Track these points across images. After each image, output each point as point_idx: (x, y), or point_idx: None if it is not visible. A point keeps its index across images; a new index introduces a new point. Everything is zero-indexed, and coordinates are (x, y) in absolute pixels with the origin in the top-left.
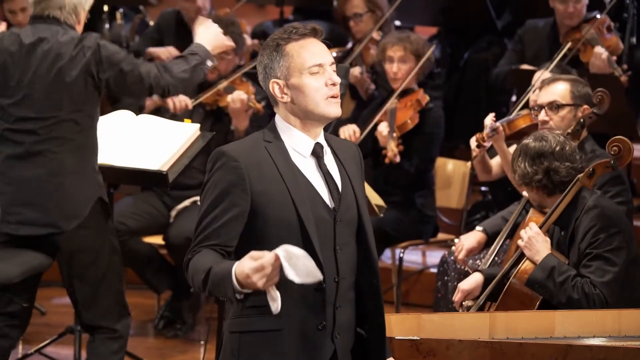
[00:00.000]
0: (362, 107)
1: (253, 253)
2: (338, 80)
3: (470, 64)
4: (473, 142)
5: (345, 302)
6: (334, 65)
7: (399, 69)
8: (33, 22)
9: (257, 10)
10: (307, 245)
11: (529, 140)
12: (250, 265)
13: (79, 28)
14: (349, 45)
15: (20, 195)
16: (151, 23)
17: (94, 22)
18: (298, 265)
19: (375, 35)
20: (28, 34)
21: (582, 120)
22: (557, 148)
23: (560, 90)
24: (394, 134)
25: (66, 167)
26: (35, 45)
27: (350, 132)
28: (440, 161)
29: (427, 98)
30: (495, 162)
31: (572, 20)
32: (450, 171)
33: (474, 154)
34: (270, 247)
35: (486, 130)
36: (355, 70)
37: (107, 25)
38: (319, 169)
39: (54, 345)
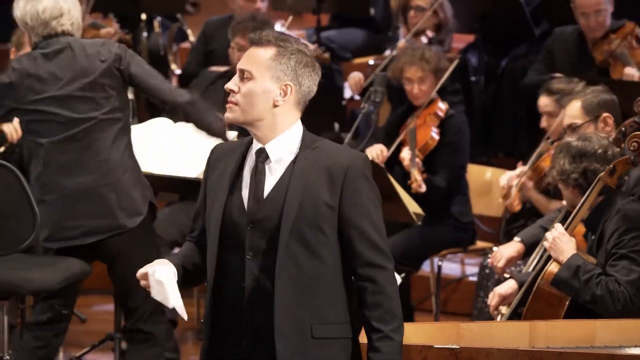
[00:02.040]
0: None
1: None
2: (230, 86)
3: (507, 72)
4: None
5: (258, 309)
6: (239, 73)
7: (420, 89)
8: (47, 40)
9: (294, 18)
10: (212, 246)
11: (573, 139)
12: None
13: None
14: (387, 52)
15: (78, 206)
16: (189, 31)
17: (132, 30)
18: (158, 288)
19: (429, 32)
20: (46, 49)
21: (623, 129)
22: (600, 151)
23: (572, 111)
24: (417, 160)
25: (115, 165)
26: (57, 53)
27: (377, 152)
28: (478, 169)
29: (446, 107)
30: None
31: (595, 33)
32: (489, 179)
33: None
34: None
35: (510, 190)
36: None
37: (144, 34)
38: (252, 173)
39: (94, 352)
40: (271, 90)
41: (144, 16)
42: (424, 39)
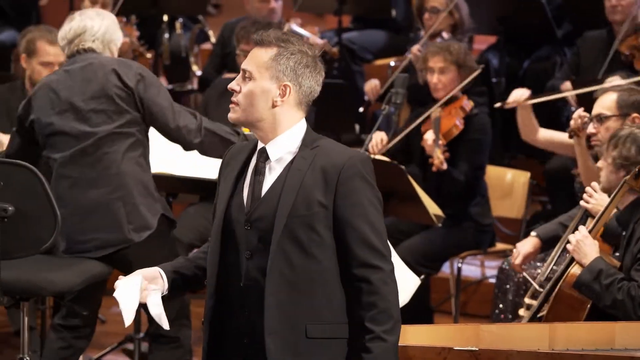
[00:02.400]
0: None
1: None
2: (232, 86)
3: (529, 73)
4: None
5: (256, 309)
6: (242, 73)
7: (439, 80)
8: (72, 58)
9: (315, 19)
10: (214, 245)
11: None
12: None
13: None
14: (408, 54)
15: (89, 220)
16: (210, 33)
17: (153, 32)
18: (120, 299)
19: (445, 34)
20: (69, 66)
21: None
22: None
23: (606, 101)
24: (440, 142)
25: (125, 179)
26: (78, 70)
27: (377, 139)
28: (499, 171)
29: (472, 104)
30: (545, 134)
31: (616, 15)
32: (510, 181)
33: (510, 100)
34: None
35: (577, 122)
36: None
37: (166, 35)
38: (253, 173)
39: (114, 353)
40: (270, 90)
41: (165, 17)
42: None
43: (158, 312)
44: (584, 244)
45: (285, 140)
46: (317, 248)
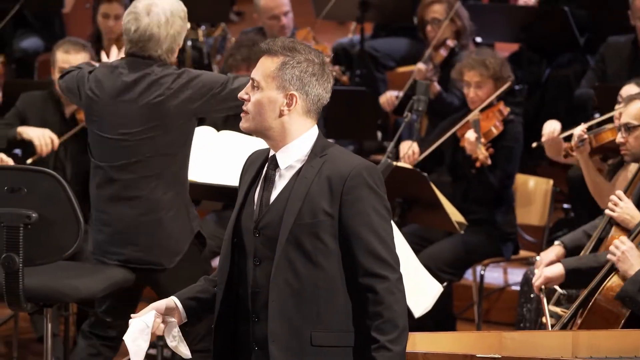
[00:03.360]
0: (436, 124)
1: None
2: (242, 95)
3: (551, 80)
4: (550, 126)
5: (264, 316)
6: (251, 82)
7: (476, 94)
8: (129, 59)
9: (338, 27)
10: (225, 253)
11: None
12: None
13: (172, 63)
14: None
15: (120, 235)
16: (232, 39)
17: None
18: (128, 343)
19: (450, 42)
20: (125, 72)
21: None
22: None
23: (632, 110)
24: (482, 140)
25: (162, 203)
26: (133, 84)
27: (408, 150)
28: (521, 178)
29: (509, 109)
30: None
31: None
32: (532, 188)
33: (544, 138)
34: None
35: (574, 140)
36: (421, 66)
37: (189, 43)
38: (263, 181)
39: None
40: (277, 100)
41: (188, 25)
42: (443, 52)
43: (174, 344)
44: (631, 255)
45: (295, 148)
46: (322, 256)
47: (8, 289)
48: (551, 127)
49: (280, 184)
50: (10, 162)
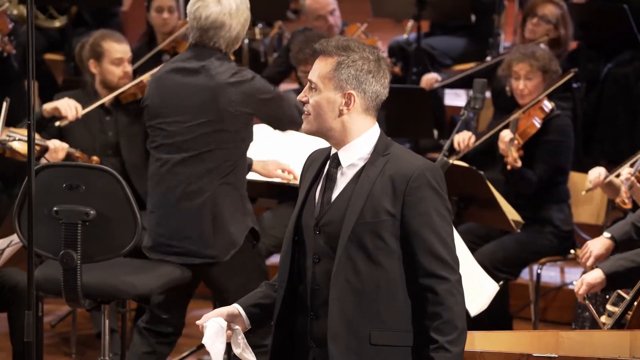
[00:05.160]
0: (500, 117)
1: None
2: (301, 97)
3: (610, 78)
4: (594, 172)
5: (322, 313)
6: (308, 84)
7: (525, 86)
8: (194, 49)
9: (394, 25)
10: (286, 250)
11: None
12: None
13: (232, 58)
14: (488, 58)
15: (178, 229)
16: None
17: None
18: (207, 345)
19: (543, 47)
20: (187, 62)
21: None
22: None
23: None
24: (516, 141)
25: (220, 197)
26: (194, 74)
27: (463, 137)
28: (579, 176)
29: (552, 105)
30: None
31: None
32: (587, 186)
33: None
34: None
35: (623, 189)
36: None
37: (245, 41)
38: (325, 179)
39: (193, 356)
40: (335, 100)
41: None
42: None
43: (239, 351)
44: None
45: (357, 146)
46: (383, 255)
47: (66, 286)
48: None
49: (342, 182)
50: (65, 146)
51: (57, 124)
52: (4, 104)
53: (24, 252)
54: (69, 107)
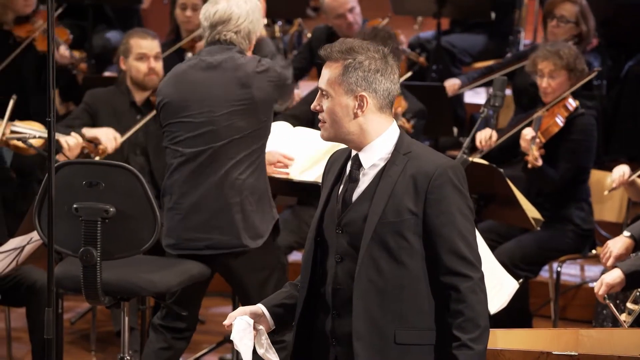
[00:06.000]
0: (522, 115)
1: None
2: (314, 106)
3: (630, 76)
4: (618, 170)
5: (344, 312)
6: (319, 92)
7: (549, 84)
8: (210, 47)
9: (414, 22)
10: (308, 249)
11: None
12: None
13: (249, 54)
14: (508, 55)
15: (208, 220)
16: (308, 35)
17: None
18: (236, 343)
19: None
20: (208, 58)
21: None
22: None
23: None
24: (537, 140)
25: (246, 187)
26: (217, 67)
27: (485, 135)
28: (599, 174)
29: (576, 104)
30: None
31: None
32: (610, 185)
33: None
34: None
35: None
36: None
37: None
38: (347, 179)
39: (213, 353)
40: (348, 104)
41: (265, 20)
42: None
43: (263, 351)
44: None
45: (377, 147)
46: (406, 255)
47: (86, 283)
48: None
49: (364, 182)
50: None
51: (96, 159)
52: (11, 101)
53: (44, 249)
54: (108, 140)
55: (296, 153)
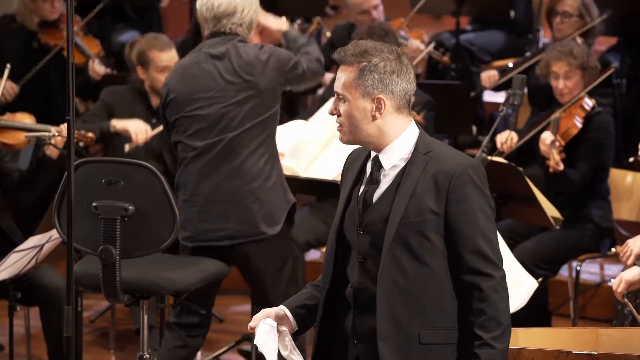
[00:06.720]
0: (538, 115)
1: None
2: (331, 110)
3: None
4: None
5: (366, 311)
6: (336, 96)
7: (565, 85)
8: (212, 38)
9: (433, 21)
10: (329, 249)
11: None
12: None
13: (255, 40)
14: (527, 54)
15: (226, 210)
16: (327, 34)
17: None
18: (260, 346)
19: (579, 40)
20: (209, 49)
21: None
22: None
23: None
24: (557, 143)
25: (261, 173)
26: (215, 58)
27: (506, 137)
28: (618, 173)
29: (593, 102)
30: None
31: None
32: (630, 183)
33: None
34: None
35: None
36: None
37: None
38: (367, 180)
39: (231, 352)
40: (366, 107)
41: (283, 19)
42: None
43: (287, 353)
44: None
45: (397, 148)
46: (428, 254)
47: (105, 281)
48: None
49: (384, 182)
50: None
51: (126, 150)
52: (6, 71)
53: (63, 248)
54: (139, 131)
55: (291, 148)
